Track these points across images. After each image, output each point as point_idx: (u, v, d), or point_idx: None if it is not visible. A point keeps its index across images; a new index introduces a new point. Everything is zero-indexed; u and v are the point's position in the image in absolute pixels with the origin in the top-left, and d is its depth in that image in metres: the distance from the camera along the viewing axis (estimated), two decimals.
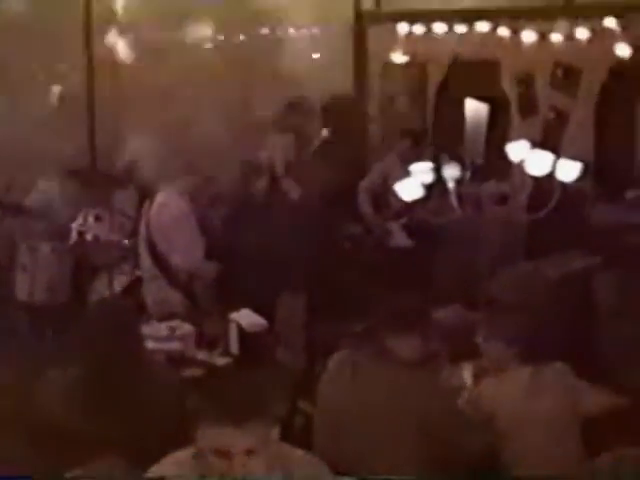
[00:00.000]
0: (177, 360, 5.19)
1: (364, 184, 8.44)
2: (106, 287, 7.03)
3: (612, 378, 5.44)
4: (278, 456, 3.26)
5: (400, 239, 7.87)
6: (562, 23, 8.06)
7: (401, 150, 8.29)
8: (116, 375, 4.27)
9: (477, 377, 4.73)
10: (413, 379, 4.17)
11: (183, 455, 3.32)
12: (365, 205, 8.31)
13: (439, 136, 8.91)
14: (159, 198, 6.26)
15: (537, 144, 7.43)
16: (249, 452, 3.12)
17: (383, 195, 8.20)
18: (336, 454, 3.97)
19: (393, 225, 7.94)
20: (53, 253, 7.34)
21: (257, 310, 5.51)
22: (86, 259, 7.33)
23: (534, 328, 4.81)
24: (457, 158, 7.80)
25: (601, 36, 7.89)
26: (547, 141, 8.15)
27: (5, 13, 8.69)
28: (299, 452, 3.38)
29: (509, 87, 8.68)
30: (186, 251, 6.02)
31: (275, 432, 3.24)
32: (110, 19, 9.29)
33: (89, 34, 8.99)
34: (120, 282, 7.05)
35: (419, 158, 7.07)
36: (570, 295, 6.22)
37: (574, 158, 6.26)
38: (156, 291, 6.11)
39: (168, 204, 6.14)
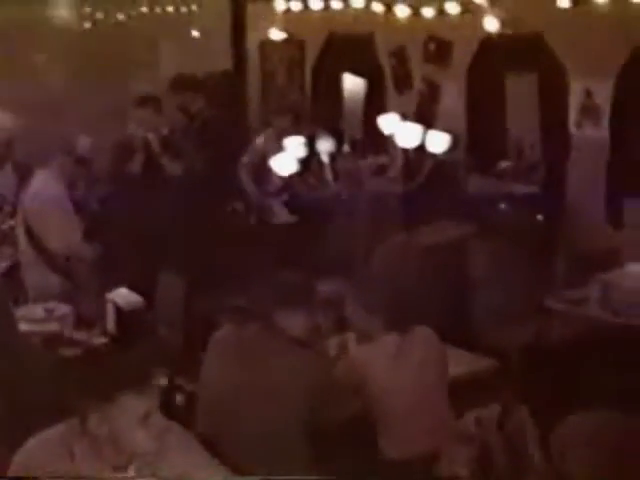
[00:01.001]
0: (54, 341, 5.18)
1: (244, 160, 8.46)
2: None
3: (480, 343, 5.62)
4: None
5: (282, 215, 7.93)
6: None
7: (279, 126, 8.33)
8: None
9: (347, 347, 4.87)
10: (301, 354, 4.23)
11: (51, 433, 3.36)
12: (246, 181, 8.34)
13: (317, 111, 8.99)
14: (34, 182, 6.22)
15: (412, 117, 7.63)
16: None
17: (263, 171, 8.23)
18: (220, 433, 4.02)
19: (274, 201, 8.00)
20: None
21: (136, 289, 5.53)
22: None
23: (403, 297, 4.95)
24: (336, 132, 7.93)
25: (472, 10, 8.05)
26: (421, 114, 8.34)
27: None
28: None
29: (384, 61, 8.81)
30: (62, 234, 6.00)
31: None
32: None
33: None
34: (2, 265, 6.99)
35: (297, 133, 7.14)
36: (443, 263, 6.35)
37: (447, 130, 6.40)
38: (35, 274, 6.07)
39: (42, 187, 6.10)
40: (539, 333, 5.80)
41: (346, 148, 7.30)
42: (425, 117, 8.07)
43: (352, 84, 9.02)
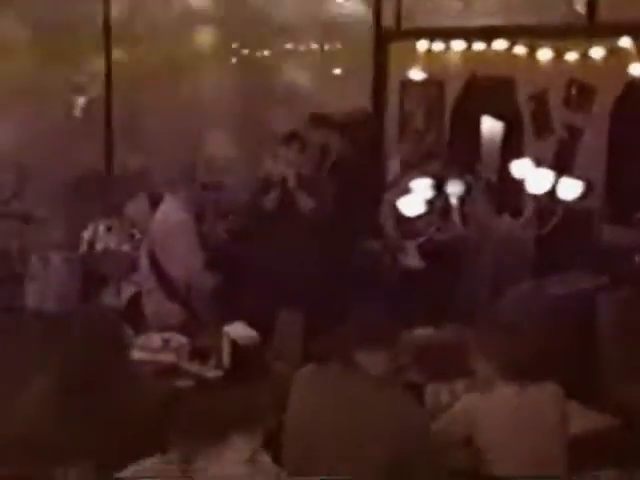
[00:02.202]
0: (168, 372, 5.20)
1: (387, 198, 8.38)
2: (114, 297, 7.08)
3: (609, 399, 5.40)
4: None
5: (413, 259, 7.81)
6: (578, 42, 8.03)
7: (420, 166, 8.24)
8: (97, 383, 4.28)
9: (461, 395, 4.72)
10: (390, 396, 4.13)
11: (153, 462, 3.34)
12: (386, 220, 8.24)
13: (454, 153, 8.88)
14: (162, 207, 6.30)
15: (549, 162, 7.45)
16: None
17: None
18: (301, 471, 3.96)
19: (409, 244, 7.89)
20: (63, 263, 7.40)
21: (254, 324, 5.51)
22: (96, 269, 7.39)
23: (528, 347, 4.78)
24: (472, 175, 7.81)
25: (616, 55, 7.85)
26: (559, 159, 8.14)
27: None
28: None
29: (524, 105, 8.65)
30: (184, 262, 6.04)
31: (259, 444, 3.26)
32: (130, 31, 9.34)
33: (108, 46, 9.06)
34: (128, 292, 7.10)
35: (437, 175, 7.05)
36: (571, 315, 6.16)
37: (586, 177, 6.23)
38: (154, 302, 6.13)
39: (169, 214, 6.17)
40: None
41: (479, 191, 7.18)
42: (563, 163, 7.87)
43: (490, 127, 8.88)
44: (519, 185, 6.54)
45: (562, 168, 6.66)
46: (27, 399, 4.34)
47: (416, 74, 9.43)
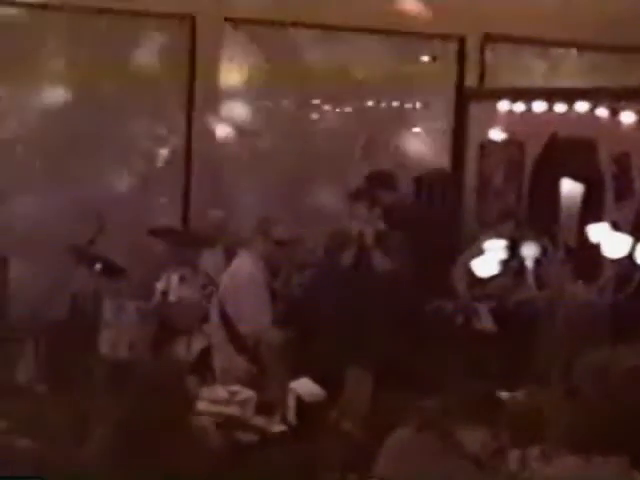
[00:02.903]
0: (232, 424, 5.18)
1: (462, 259, 8.31)
2: (185, 348, 7.10)
3: None
4: None
5: (486, 321, 7.70)
6: None
7: (498, 228, 8.16)
8: (161, 435, 4.28)
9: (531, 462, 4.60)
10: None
11: None
12: (459, 280, 8.17)
13: (533, 215, 8.77)
14: (235, 262, 6.32)
15: (630, 227, 7.31)
16: None
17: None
18: None
19: (481, 306, 7.79)
20: (137, 312, 7.45)
21: (323, 380, 5.46)
22: (169, 319, 7.43)
23: (599, 417, 4.64)
24: (551, 238, 7.69)
25: None
26: None
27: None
28: None
29: (605, 167, 8.53)
30: (253, 318, 6.05)
31: None
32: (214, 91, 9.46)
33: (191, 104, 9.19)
34: (199, 344, 7.11)
35: (515, 236, 6.98)
36: None
37: None
38: (223, 355, 6.14)
39: (241, 267, 6.20)
40: None
41: (558, 254, 7.06)
42: None
43: (570, 189, 8.76)
44: (597, 249, 6.43)
45: None
46: (91, 447, 4.36)
47: (497, 134, 9.36)
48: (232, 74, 9.64)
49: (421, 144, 10.02)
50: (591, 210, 8.48)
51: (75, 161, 8.77)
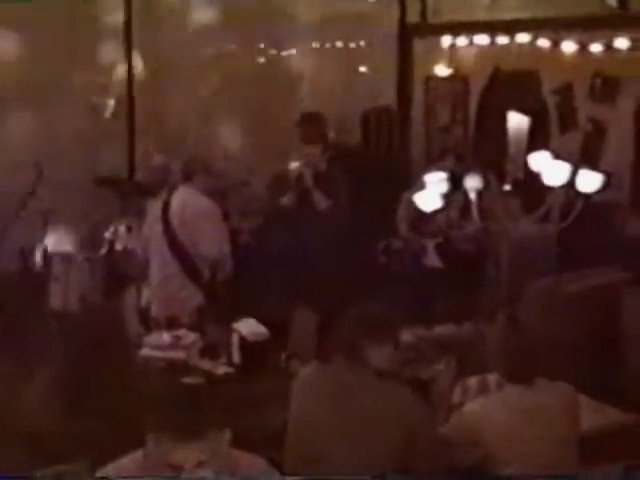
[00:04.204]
0: (178, 369, 5.17)
1: (407, 196, 8.30)
2: (134, 297, 7.07)
3: (626, 397, 5.30)
4: (227, 462, 3.23)
5: (433, 259, 7.71)
6: (602, 33, 7.90)
7: (444, 164, 8.15)
8: (101, 380, 4.29)
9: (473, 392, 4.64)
10: (396, 390, 4.07)
11: (134, 458, 3.30)
12: (403, 218, 8.16)
13: (480, 149, 8.80)
14: (178, 197, 6.30)
15: (576, 156, 7.35)
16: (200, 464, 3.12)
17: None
18: (306, 471, 3.90)
19: (428, 243, 7.80)
20: (85, 263, 7.39)
21: (266, 321, 5.45)
22: (118, 269, 7.38)
23: (546, 344, 4.69)
24: (499, 171, 7.71)
25: None
26: (586, 153, 8.02)
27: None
28: (247, 456, 3.33)
29: (549, 99, 8.54)
30: (214, 243, 6.08)
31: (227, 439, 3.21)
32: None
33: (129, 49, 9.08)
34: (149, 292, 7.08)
35: (462, 172, 6.97)
36: (592, 311, 6.06)
37: (612, 171, 6.11)
38: (175, 288, 6.14)
39: (190, 200, 6.20)
40: None
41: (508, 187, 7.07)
42: (589, 157, 7.75)
43: (517, 122, 8.77)
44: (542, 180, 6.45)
45: (588, 162, 6.55)
46: (32, 395, 4.35)
47: (441, 70, 9.35)
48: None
49: (366, 83, 9.97)
50: (537, 142, 8.52)
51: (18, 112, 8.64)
